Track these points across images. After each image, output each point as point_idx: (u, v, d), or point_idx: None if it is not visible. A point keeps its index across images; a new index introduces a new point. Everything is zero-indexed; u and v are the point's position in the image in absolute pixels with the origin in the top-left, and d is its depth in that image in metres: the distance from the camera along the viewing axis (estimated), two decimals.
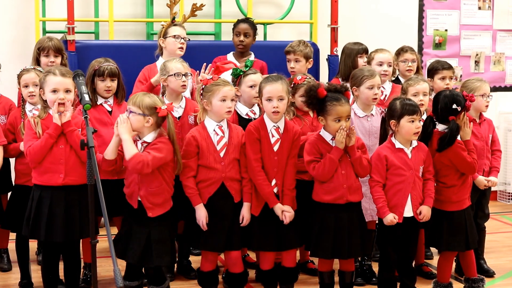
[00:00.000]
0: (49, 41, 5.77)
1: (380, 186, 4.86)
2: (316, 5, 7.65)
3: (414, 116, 4.84)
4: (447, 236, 4.99)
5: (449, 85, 5.98)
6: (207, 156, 4.77)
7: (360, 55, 6.27)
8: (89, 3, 7.32)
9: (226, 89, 4.79)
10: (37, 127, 4.68)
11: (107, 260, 5.72)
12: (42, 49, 5.72)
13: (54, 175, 4.69)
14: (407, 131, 4.85)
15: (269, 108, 4.80)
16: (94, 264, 3.89)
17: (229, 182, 4.80)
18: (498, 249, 5.72)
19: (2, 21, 7.17)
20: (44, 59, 5.71)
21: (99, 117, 5.20)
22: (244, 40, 6.51)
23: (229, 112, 4.81)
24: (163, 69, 5.33)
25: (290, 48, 6.10)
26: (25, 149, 4.73)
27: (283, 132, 4.85)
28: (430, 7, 8.30)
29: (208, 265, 4.92)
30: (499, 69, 8.58)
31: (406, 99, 5.01)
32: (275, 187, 4.84)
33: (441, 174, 5.00)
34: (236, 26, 6.59)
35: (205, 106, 4.82)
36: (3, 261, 5.80)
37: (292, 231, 4.86)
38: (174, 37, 5.90)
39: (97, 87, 5.23)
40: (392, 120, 4.89)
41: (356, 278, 5.29)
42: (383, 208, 4.83)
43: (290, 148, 4.86)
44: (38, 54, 5.74)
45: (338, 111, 4.72)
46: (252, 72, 5.26)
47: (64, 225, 4.69)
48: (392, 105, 4.93)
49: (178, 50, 5.89)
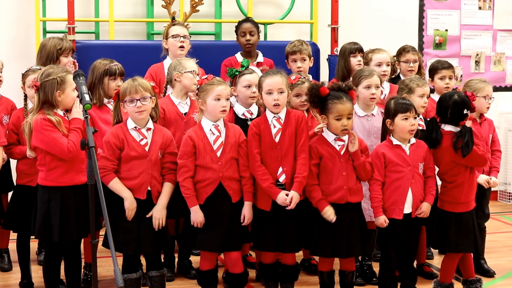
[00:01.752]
0: (66, 42, 5.81)
1: (379, 185, 4.87)
2: (316, 5, 7.65)
3: (407, 114, 4.86)
4: (455, 238, 4.97)
5: (449, 85, 5.97)
6: (204, 156, 4.77)
7: (353, 54, 6.26)
8: (89, 3, 7.33)
9: (220, 88, 4.79)
10: (61, 127, 4.68)
11: (108, 260, 5.72)
12: (64, 50, 5.74)
13: (77, 174, 4.72)
14: (401, 129, 4.88)
15: (270, 101, 4.81)
16: (95, 264, 3.89)
17: (226, 182, 4.79)
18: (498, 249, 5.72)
19: (3, 21, 7.17)
20: (65, 59, 5.74)
21: (103, 117, 5.21)
22: (250, 39, 6.51)
23: (223, 111, 4.80)
24: (177, 66, 5.37)
25: (295, 48, 6.11)
26: (66, 145, 4.62)
27: (284, 121, 4.84)
28: (431, 7, 8.30)
29: (207, 264, 4.92)
30: (499, 69, 8.58)
31: (400, 98, 5.04)
32: (282, 174, 4.82)
33: (452, 174, 4.98)
34: (239, 26, 6.58)
35: (200, 106, 4.83)
36: (4, 261, 5.80)
37: (293, 234, 4.85)
38: (173, 36, 5.92)
39: (107, 86, 5.25)
40: (387, 119, 4.93)
41: (356, 278, 5.29)
42: (377, 208, 4.85)
43: (295, 135, 4.84)
44: (59, 54, 5.73)
45: (338, 109, 4.73)
46: (247, 72, 5.27)
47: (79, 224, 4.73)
48: (388, 105, 4.98)
49: (179, 49, 5.90)
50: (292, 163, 4.83)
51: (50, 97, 4.69)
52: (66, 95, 4.72)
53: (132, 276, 4.78)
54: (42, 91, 4.71)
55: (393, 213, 4.86)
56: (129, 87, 4.66)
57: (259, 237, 4.90)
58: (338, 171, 4.78)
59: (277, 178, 4.82)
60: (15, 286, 5.39)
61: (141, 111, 4.66)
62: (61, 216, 4.68)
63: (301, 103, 5.23)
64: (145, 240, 4.69)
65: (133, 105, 4.64)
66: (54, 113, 4.71)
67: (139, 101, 4.64)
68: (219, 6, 7.56)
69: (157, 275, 4.82)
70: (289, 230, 4.84)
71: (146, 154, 4.68)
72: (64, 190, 4.70)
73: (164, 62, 5.98)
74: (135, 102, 4.63)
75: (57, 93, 4.69)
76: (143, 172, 4.67)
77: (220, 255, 5.30)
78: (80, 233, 4.77)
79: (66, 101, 4.74)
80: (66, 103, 4.75)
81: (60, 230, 4.68)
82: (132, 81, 4.70)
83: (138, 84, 4.66)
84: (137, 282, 4.81)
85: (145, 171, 4.67)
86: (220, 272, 5.30)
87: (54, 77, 4.70)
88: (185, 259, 5.70)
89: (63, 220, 4.69)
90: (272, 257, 5.01)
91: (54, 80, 4.70)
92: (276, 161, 4.82)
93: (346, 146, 4.81)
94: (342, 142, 4.81)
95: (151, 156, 4.69)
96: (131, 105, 4.65)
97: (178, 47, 5.91)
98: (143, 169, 4.67)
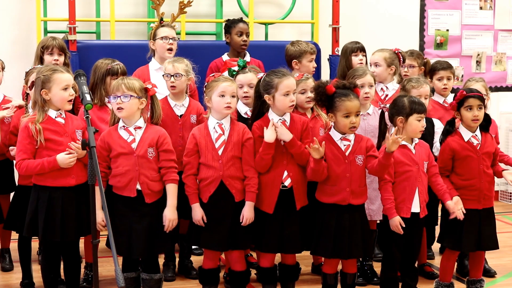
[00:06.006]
0: (53, 40, 5.84)
1: (390, 186, 4.84)
2: (317, 5, 7.65)
3: (422, 115, 4.87)
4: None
5: (447, 86, 5.96)
6: (206, 154, 4.78)
7: (355, 53, 6.25)
8: (90, 3, 7.33)
9: (225, 85, 4.79)
10: (39, 136, 4.64)
11: (108, 260, 5.72)
12: (46, 48, 5.77)
13: (66, 178, 4.70)
14: (414, 129, 4.86)
15: (287, 102, 4.79)
16: (96, 264, 3.89)
17: (228, 181, 4.78)
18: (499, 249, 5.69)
19: (4, 21, 7.17)
20: (48, 58, 5.75)
21: (103, 117, 5.20)
22: (247, 39, 6.50)
23: (228, 108, 4.79)
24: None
25: (308, 48, 6.07)
26: (16, 159, 4.68)
27: (289, 124, 4.84)
28: (432, 7, 8.30)
29: (209, 263, 4.94)
30: (500, 69, 8.57)
31: (413, 97, 5.03)
32: (287, 178, 4.82)
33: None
34: (235, 26, 6.50)
35: (207, 103, 4.85)
36: (5, 261, 5.81)
37: (296, 235, 4.85)
38: (162, 38, 5.90)
39: (109, 86, 5.23)
40: (399, 117, 4.88)
41: (357, 278, 5.29)
42: (391, 209, 4.80)
43: (300, 139, 4.83)
44: (42, 53, 5.77)
45: (347, 106, 4.73)
46: (241, 72, 5.32)
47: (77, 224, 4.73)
48: (399, 102, 4.92)
49: (167, 52, 5.88)
50: (297, 167, 4.83)
51: (37, 96, 4.68)
52: (54, 94, 4.67)
53: (131, 275, 4.78)
54: (33, 91, 4.75)
55: (401, 212, 4.83)
56: (115, 84, 4.71)
57: (261, 239, 4.90)
58: (342, 172, 4.76)
59: (283, 181, 4.82)
60: (16, 286, 5.39)
61: (120, 108, 4.66)
62: (46, 215, 4.67)
63: (307, 99, 5.22)
64: (136, 243, 4.67)
65: (114, 101, 4.66)
66: (45, 114, 4.68)
67: (119, 97, 4.63)
68: (220, 6, 7.55)
69: (147, 278, 4.81)
70: (292, 231, 4.83)
71: (133, 151, 4.67)
72: (52, 191, 4.69)
73: (150, 64, 5.95)
74: (116, 98, 4.65)
75: (43, 91, 4.65)
76: (130, 169, 4.66)
77: (222, 254, 5.30)
78: (65, 235, 4.72)
79: (54, 100, 4.69)
80: (55, 102, 4.70)
81: (44, 229, 4.68)
82: (121, 80, 4.74)
83: (122, 82, 4.68)
84: (135, 281, 4.81)
85: (132, 168, 4.66)
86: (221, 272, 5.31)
87: (39, 76, 4.69)
88: (186, 259, 5.70)
89: (48, 220, 4.67)
90: (271, 261, 5.00)
91: (39, 78, 4.69)
92: (281, 165, 4.82)
93: (352, 146, 4.79)
94: (348, 142, 4.79)
95: (138, 153, 4.67)
96: (113, 101, 4.67)
97: (167, 49, 5.89)
98: (130, 165, 4.66)
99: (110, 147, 4.70)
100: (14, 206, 5.30)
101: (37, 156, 4.68)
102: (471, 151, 5.02)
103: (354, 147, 4.79)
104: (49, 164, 4.62)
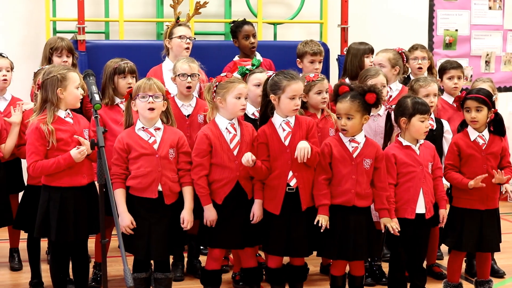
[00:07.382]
0: (61, 41, 5.82)
1: (392, 188, 4.84)
2: (326, 5, 7.65)
3: (425, 116, 4.86)
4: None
5: (457, 85, 5.96)
6: (221, 154, 4.75)
7: (367, 55, 6.25)
8: (99, 3, 7.34)
9: (241, 87, 4.80)
10: (51, 137, 4.62)
11: (117, 259, 5.73)
12: (55, 49, 5.77)
13: (79, 178, 4.70)
14: (417, 129, 4.86)
15: (291, 106, 4.78)
16: (104, 263, 3.90)
17: (243, 181, 4.78)
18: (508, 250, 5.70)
19: (13, 21, 7.20)
20: (57, 59, 5.75)
21: (114, 117, 5.19)
22: (254, 41, 6.49)
23: (243, 110, 4.82)
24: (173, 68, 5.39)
25: (316, 49, 6.06)
26: (29, 162, 4.64)
27: (294, 126, 4.84)
28: (441, 7, 8.29)
29: (213, 264, 4.93)
30: (509, 69, 8.56)
31: (417, 97, 5.02)
32: (292, 178, 4.80)
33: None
34: (240, 30, 6.44)
35: (219, 103, 4.80)
36: (14, 260, 5.82)
37: (303, 239, 4.83)
38: (180, 37, 5.90)
39: (118, 85, 5.23)
40: (402, 118, 4.89)
41: (366, 279, 5.29)
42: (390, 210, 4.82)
43: (305, 139, 4.80)
44: (51, 54, 5.77)
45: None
46: (258, 71, 5.28)
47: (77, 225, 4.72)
48: (403, 103, 4.93)
49: (185, 50, 5.89)
50: (303, 167, 4.80)
51: (51, 95, 4.64)
52: (69, 93, 4.67)
53: (142, 276, 4.78)
54: (43, 90, 4.68)
55: (406, 213, 4.84)
56: (143, 85, 4.67)
57: (268, 241, 4.89)
58: (347, 174, 4.75)
59: (288, 182, 4.81)
60: (25, 285, 5.41)
61: (152, 108, 4.64)
62: (59, 216, 4.66)
63: (323, 99, 5.21)
64: (156, 246, 4.66)
65: (145, 101, 4.63)
66: (54, 115, 4.66)
67: (151, 97, 4.62)
68: (228, 6, 7.56)
69: (162, 277, 4.81)
70: (299, 234, 4.82)
71: (155, 152, 4.66)
72: (64, 191, 4.69)
73: (163, 64, 5.95)
74: (147, 98, 4.62)
75: (59, 90, 4.64)
76: (153, 170, 4.64)
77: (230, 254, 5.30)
78: (78, 234, 4.72)
79: (69, 98, 4.69)
80: (69, 101, 4.70)
81: (57, 230, 4.67)
82: (147, 80, 4.72)
83: (153, 82, 4.67)
84: (146, 282, 4.81)
85: (154, 169, 4.64)
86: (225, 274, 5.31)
87: (55, 75, 4.66)
88: (195, 259, 5.70)
89: (60, 221, 4.67)
90: (279, 261, 5.00)
91: (54, 77, 4.66)
92: (286, 165, 4.81)
93: (361, 149, 4.78)
94: (356, 144, 4.78)
95: (160, 154, 4.66)
96: (143, 100, 4.63)
97: (184, 48, 5.90)
98: (152, 166, 4.64)
99: (129, 149, 4.67)
100: (23, 206, 5.31)
101: (48, 156, 4.67)
102: (476, 150, 5.01)
103: (362, 150, 4.78)
104: (65, 160, 4.60)
